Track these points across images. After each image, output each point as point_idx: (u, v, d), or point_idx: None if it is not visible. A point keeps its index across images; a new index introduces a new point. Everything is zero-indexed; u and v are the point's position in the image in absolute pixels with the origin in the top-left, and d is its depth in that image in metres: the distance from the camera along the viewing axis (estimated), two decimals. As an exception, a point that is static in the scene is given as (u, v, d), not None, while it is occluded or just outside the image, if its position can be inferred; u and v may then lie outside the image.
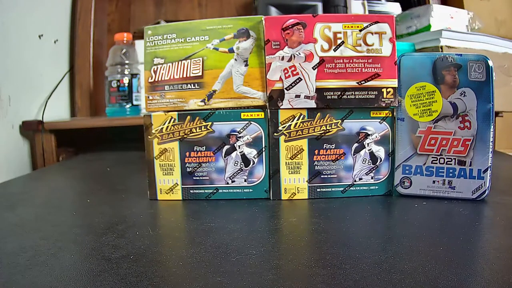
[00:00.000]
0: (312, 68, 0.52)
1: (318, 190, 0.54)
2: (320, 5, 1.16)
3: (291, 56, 0.52)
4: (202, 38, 0.54)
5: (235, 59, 0.54)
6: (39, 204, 0.56)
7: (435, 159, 0.51)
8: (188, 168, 0.54)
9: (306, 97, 0.52)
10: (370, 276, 0.31)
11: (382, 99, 0.52)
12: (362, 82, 0.52)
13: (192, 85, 0.54)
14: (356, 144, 0.53)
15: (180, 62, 0.55)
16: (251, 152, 0.54)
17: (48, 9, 1.11)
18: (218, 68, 0.54)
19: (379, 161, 0.54)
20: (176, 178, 0.55)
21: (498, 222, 0.44)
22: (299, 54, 0.52)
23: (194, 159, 0.54)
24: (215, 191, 0.55)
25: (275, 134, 0.53)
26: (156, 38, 0.55)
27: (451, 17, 1.00)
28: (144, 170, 0.56)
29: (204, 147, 0.54)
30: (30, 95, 1.02)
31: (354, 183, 0.54)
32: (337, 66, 0.52)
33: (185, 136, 0.54)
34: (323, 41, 0.52)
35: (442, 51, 0.82)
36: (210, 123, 0.53)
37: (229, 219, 0.47)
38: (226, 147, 0.54)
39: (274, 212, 0.50)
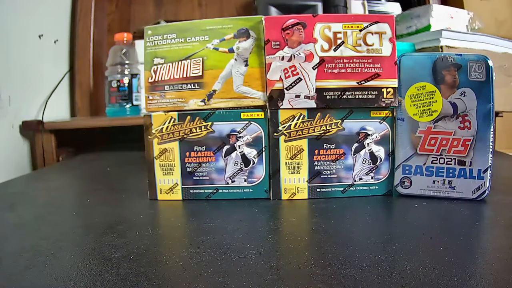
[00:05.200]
0: (312, 68, 0.52)
1: (318, 190, 0.54)
2: (320, 5, 1.16)
3: (291, 56, 0.52)
4: (202, 38, 0.54)
5: (235, 59, 0.54)
6: (39, 204, 0.56)
7: (435, 159, 0.51)
8: (188, 168, 0.54)
9: (306, 97, 0.52)
10: (370, 276, 0.31)
11: (382, 99, 0.52)
12: (362, 82, 0.52)
13: (192, 85, 0.54)
14: (356, 144, 0.53)
15: (180, 62, 0.55)
16: (251, 152, 0.54)
17: (48, 9, 1.11)
18: (218, 68, 0.54)
19: (379, 161, 0.54)
20: (176, 178, 0.55)
21: (498, 222, 0.44)
22: (299, 54, 0.52)
23: (194, 159, 0.54)
24: (215, 191, 0.55)
25: (275, 134, 0.53)
26: (156, 38, 0.55)
27: (451, 17, 1.00)
28: (144, 170, 0.56)
29: (204, 147, 0.54)
30: (30, 95, 1.02)
31: (354, 183, 0.54)
32: (337, 66, 0.52)
33: (185, 136, 0.54)
34: (323, 41, 0.52)
35: (442, 51, 0.82)
36: (210, 123, 0.53)
37: (229, 219, 0.47)
38: (226, 147, 0.54)
39: (274, 212, 0.50)
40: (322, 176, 0.54)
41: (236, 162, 0.54)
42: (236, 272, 0.32)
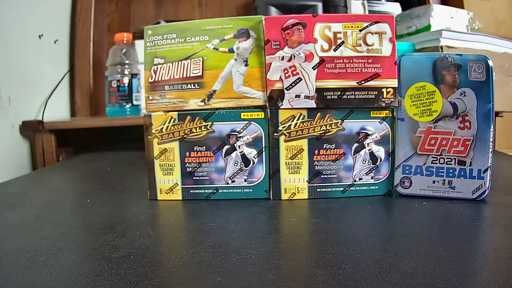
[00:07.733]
0: (312, 68, 0.52)
1: (318, 190, 0.54)
2: (320, 5, 1.16)
3: (291, 56, 0.52)
4: (202, 38, 0.54)
5: (235, 59, 0.54)
6: (39, 204, 0.56)
7: (435, 159, 0.51)
8: (188, 168, 0.54)
9: (306, 97, 0.52)
10: (370, 276, 0.31)
11: (382, 99, 0.52)
12: (362, 82, 0.52)
13: (192, 85, 0.54)
14: (356, 144, 0.53)
15: (180, 62, 0.55)
16: (251, 152, 0.54)
17: (48, 9, 1.11)
18: (218, 68, 0.54)
19: (379, 161, 0.54)
20: (176, 178, 0.55)
21: (498, 222, 0.44)
22: (299, 54, 0.52)
23: (194, 159, 0.54)
24: (215, 191, 0.55)
25: (275, 134, 0.53)
26: (156, 38, 0.55)
27: (451, 17, 1.00)
28: (144, 170, 0.56)
29: (204, 147, 0.54)
30: (30, 95, 1.02)
31: (354, 183, 0.54)
32: (337, 66, 0.52)
33: (185, 136, 0.54)
34: (323, 41, 0.52)
35: (442, 51, 0.82)
36: (210, 123, 0.53)
37: (229, 219, 0.47)
38: (226, 147, 0.54)
39: (274, 212, 0.50)
40: (322, 176, 0.54)
41: (236, 162, 0.54)
42: (236, 272, 0.32)
